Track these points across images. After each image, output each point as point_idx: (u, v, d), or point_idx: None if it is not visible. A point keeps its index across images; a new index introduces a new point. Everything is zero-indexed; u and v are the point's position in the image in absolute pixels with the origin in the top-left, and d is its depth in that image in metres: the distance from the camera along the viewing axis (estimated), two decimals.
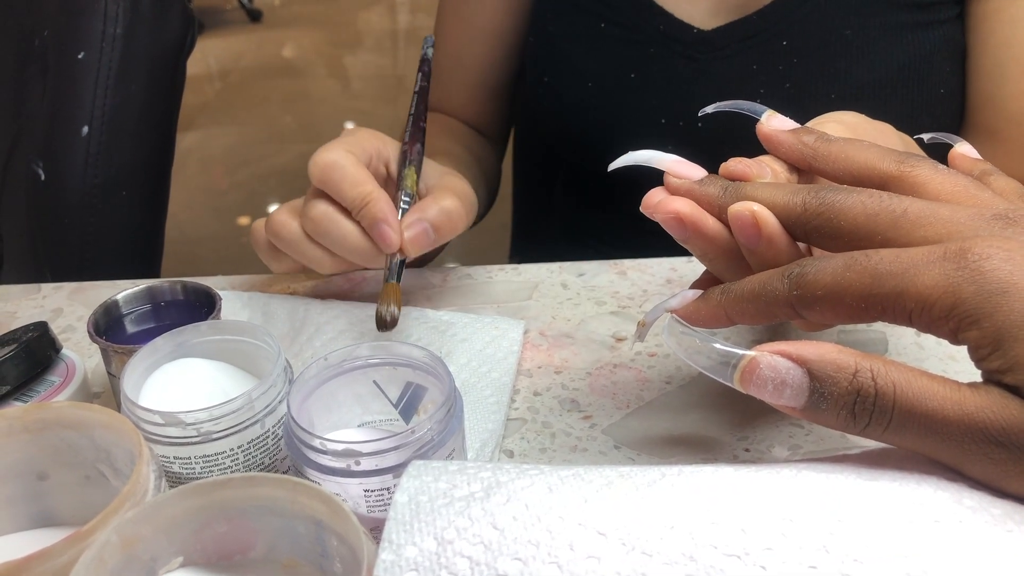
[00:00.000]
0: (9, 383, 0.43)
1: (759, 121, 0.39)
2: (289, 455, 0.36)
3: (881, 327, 0.53)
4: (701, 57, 0.68)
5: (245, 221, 2.25)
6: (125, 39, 0.77)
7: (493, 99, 0.83)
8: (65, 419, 0.35)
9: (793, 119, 0.39)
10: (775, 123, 0.38)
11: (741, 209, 0.34)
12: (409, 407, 0.40)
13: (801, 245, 0.36)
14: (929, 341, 0.51)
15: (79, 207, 0.77)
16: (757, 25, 0.66)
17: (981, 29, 0.66)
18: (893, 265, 0.29)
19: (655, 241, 0.48)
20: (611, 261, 0.61)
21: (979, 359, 0.28)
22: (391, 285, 0.49)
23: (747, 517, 0.26)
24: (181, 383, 0.40)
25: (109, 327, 0.47)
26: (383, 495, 0.35)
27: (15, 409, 0.35)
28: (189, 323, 0.41)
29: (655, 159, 0.37)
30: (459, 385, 0.47)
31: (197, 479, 0.34)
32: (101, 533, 0.29)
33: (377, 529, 0.35)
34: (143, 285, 0.48)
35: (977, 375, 0.29)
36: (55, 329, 0.48)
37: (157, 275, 0.83)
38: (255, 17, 3.78)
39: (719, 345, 0.31)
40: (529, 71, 0.79)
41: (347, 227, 0.49)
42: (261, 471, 0.39)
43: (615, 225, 0.75)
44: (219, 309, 0.46)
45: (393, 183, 0.54)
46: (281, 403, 0.39)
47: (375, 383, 0.40)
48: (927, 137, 0.44)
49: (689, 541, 0.25)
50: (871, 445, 0.31)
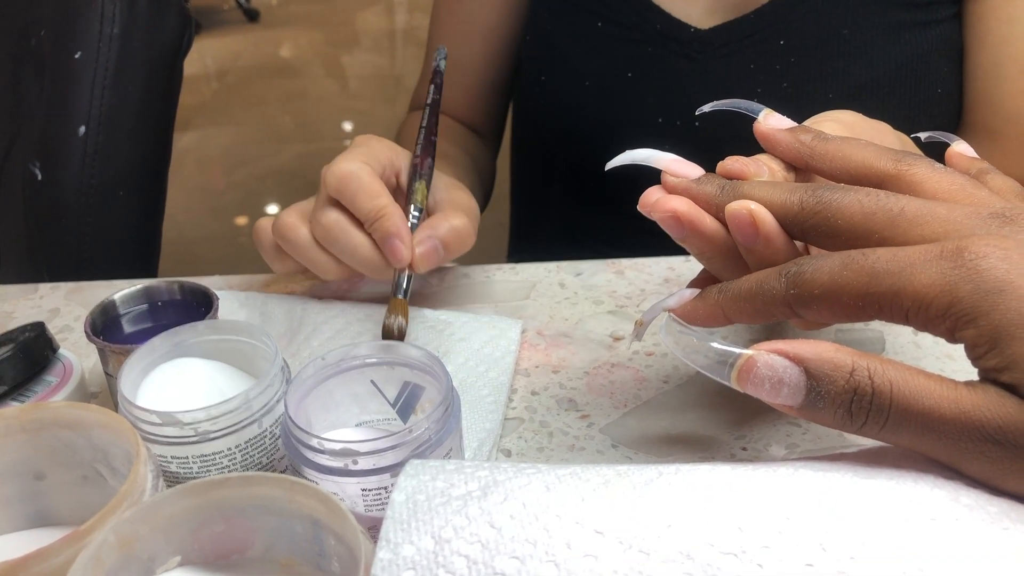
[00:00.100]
0: (6, 383, 0.43)
1: (756, 120, 0.39)
2: (287, 454, 0.36)
3: (878, 326, 0.53)
4: (699, 56, 0.68)
5: (242, 221, 2.25)
6: (122, 39, 0.77)
7: (489, 98, 0.83)
8: (62, 419, 0.35)
9: (790, 118, 0.39)
10: (772, 122, 0.38)
11: (738, 208, 0.34)
12: (407, 406, 0.40)
13: (799, 244, 0.36)
14: (926, 340, 0.52)
15: (76, 207, 0.77)
16: (754, 24, 0.66)
17: (978, 28, 0.66)
18: (890, 264, 0.29)
19: (653, 240, 0.48)
20: (609, 260, 0.61)
21: (976, 357, 0.28)
22: (399, 300, 0.49)
23: (744, 515, 0.26)
24: (178, 383, 0.40)
25: (106, 327, 0.47)
26: (381, 494, 0.35)
27: (12, 409, 0.35)
28: (186, 323, 0.41)
29: (652, 158, 0.37)
30: (457, 385, 0.47)
31: (194, 479, 0.34)
32: (98, 533, 0.29)
33: (375, 528, 0.35)
34: (140, 285, 0.48)
35: (974, 373, 0.29)
36: (52, 329, 0.48)
37: (154, 275, 0.83)
38: (252, 17, 3.78)
39: (716, 344, 0.31)
40: (526, 70, 0.79)
41: (358, 238, 0.50)
42: (259, 471, 0.39)
43: (613, 224, 0.75)
44: (216, 309, 0.46)
45: (402, 194, 0.54)
46: (278, 403, 0.39)
47: (373, 383, 0.40)
48: (924, 136, 0.44)
49: (686, 539, 0.25)
50: (868, 444, 0.31)
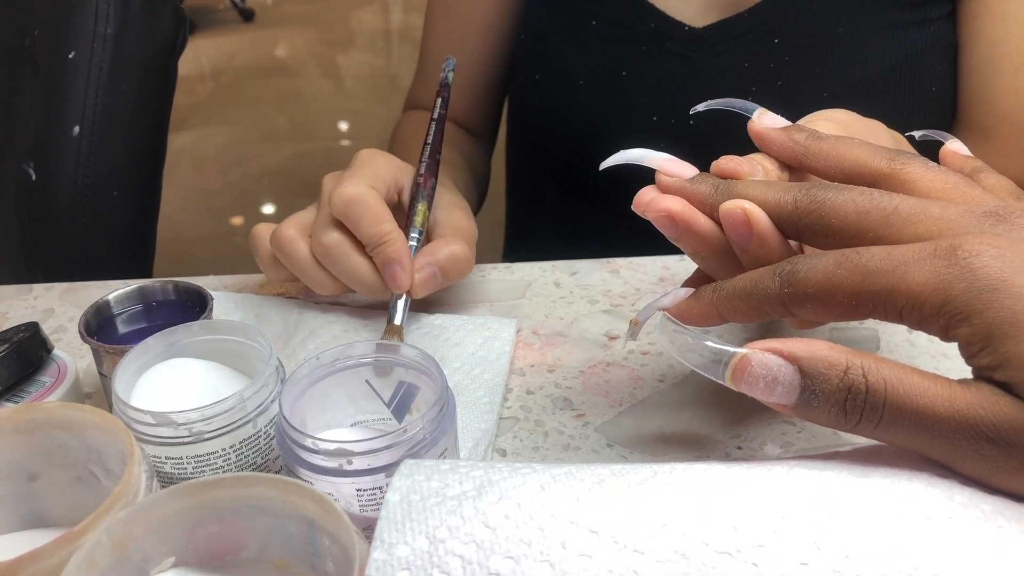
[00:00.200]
0: (0, 384, 0.43)
1: (750, 119, 0.39)
2: (281, 455, 0.36)
3: (873, 324, 0.53)
4: (693, 55, 0.68)
5: (238, 221, 2.24)
6: (116, 39, 0.77)
7: (484, 97, 0.83)
8: (56, 420, 0.35)
9: (784, 117, 0.39)
10: (766, 121, 0.38)
11: (732, 207, 0.34)
12: (401, 406, 0.40)
13: (793, 243, 0.36)
14: (920, 338, 0.52)
15: (70, 207, 0.77)
16: (749, 23, 0.66)
17: (972, 27, 0.66)
18: (884, 262, 0.29)
19: (648, 239, 0.48)
20: (604, 260, 0.61)
21: (970, 356, 0.28)
22: (395, 326, 0.49)
23: (739, 514, 0.26)
24: (173, 383, 0.40)
25: (100, 327, 0.47)
26: (375, 494, 0.35)
27: (6, 410, 0.35)
28: (181, 323, 0.41)
29: (647, 157, 0.37)
30: (452, 387, 0.47)
31: (189, 479, 0.34)
32: (92, 534, 0.29)
33: (369, 528, 0.35)
34: (134, 285, 0.48)
35: (968, 371, 0.29)
36: (46, 329, 0.48)
37: (149, 275, 0.83)
38: (247, 16, 3.77)
39: (711, 343, 0.31)
40: (520, 69, 0.79)
41: (358, 260, 0.50)
42: (253, 471, 0.39)
43: (607, 223, 0.75)
44: (211, 309, 0.46)
45: (403, 211, 0.54)
46: (273, 403, 0.39)
47: (367, 382, 0.40)
48: (918, 134, 0.44)
49: (681, 538, 0.25)
50: (863, 442, 0.31)
